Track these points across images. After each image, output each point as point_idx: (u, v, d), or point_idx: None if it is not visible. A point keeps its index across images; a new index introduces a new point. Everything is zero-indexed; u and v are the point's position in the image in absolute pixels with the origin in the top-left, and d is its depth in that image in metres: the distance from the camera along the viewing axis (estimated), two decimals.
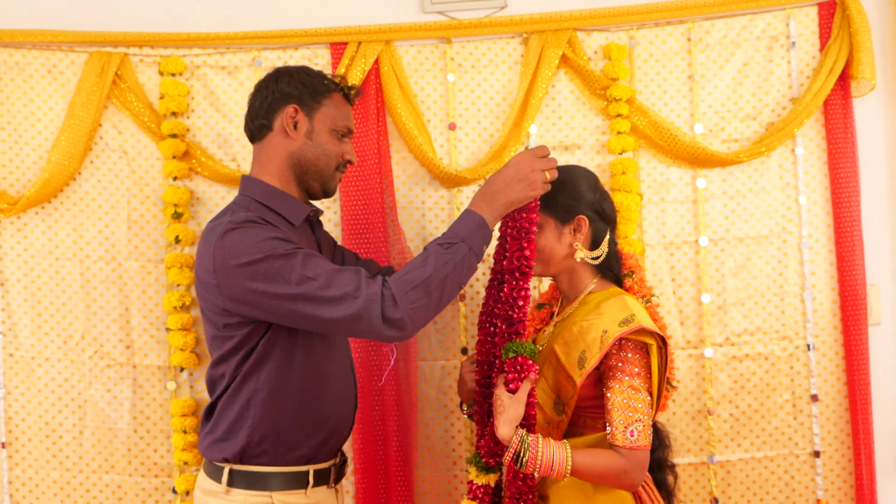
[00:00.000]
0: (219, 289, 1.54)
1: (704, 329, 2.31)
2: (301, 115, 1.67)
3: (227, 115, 2.34)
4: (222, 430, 1.64)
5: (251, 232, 1.52)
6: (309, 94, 1.68)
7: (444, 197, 2.36)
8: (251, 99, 1.73)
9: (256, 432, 1.61)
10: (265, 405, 1.61)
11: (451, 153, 2.33)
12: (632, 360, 1.51)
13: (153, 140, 2.32)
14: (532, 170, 1.56)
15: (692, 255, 2.31)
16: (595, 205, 1.66)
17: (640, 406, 1.49)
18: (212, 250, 1.53)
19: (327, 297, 1.47)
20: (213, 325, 1.62)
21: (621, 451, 1.48)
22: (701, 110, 2.33)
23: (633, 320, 1.51)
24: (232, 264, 1.50)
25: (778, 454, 2.33)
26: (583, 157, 2.35)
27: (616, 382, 1.50)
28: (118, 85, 2.30)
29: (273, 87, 1.69)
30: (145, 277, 2.32)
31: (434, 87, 2.35)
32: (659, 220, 2.33)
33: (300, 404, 1.63)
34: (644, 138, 2.32)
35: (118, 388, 2.30)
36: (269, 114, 1.67)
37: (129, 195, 2.33)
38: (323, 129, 1.68)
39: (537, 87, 2.28)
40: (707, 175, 2.33)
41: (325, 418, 1.68)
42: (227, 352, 1.62)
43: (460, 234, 1.55)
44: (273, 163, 1.67)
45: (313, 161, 1.67)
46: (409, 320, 1.49)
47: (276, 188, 1.67)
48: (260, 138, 1.70)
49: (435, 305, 1.53)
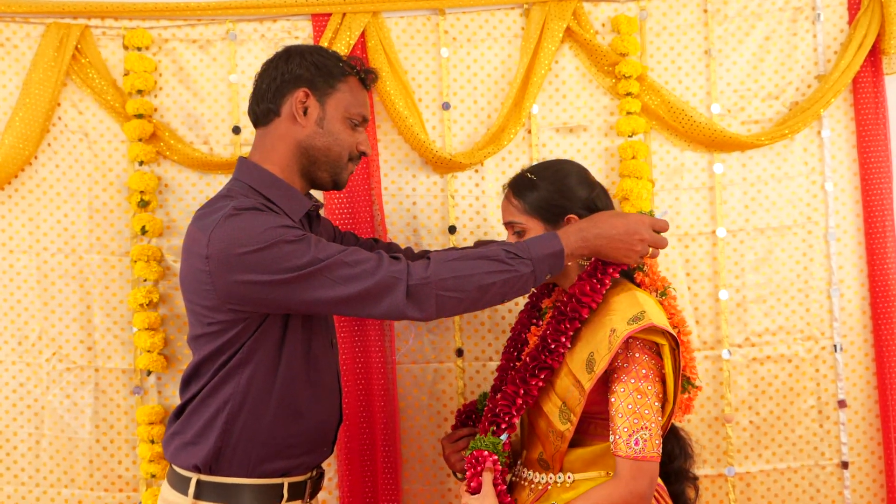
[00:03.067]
0: (211, 277, 1.47)
1: (722, 328, 2.23)
2: (312, 100, 1.61)
3: (199, 94, 2.24)
4: (193, 433, 1.58)
5: (258, 218, 1.48)
6: (322, 77, 1.62)
7: (436, 183, 2.27)
8: (257, 80, 1.66)
9: (230, 438, 1.56)
10: (243, 410, 1.56)
11: (444, 135, 2.25)
12: (639, 361, 1.46)
13: (117, 121, 2.22)
14: (641, 239, 1.53)
15: (709, 248, 2.24)
16: (588, 202, 1.62)
17: (646, 412, 1.44)
18: (208, 234, 1.47)
19: (344, 275, 1.45)
20: (197, 323, 1.57)
21: (625, 464, 1.43)
22: (719, 89, 2.25)
23: (643, 318, 1.46)
24: (236, 252, 1.44)
25: (802, 465, 2.25)
26: (589, 139, 2.27)
27: (621, 385, 1.46)
28: (78, 60, 2.20)
29: (283, 67, 1.62)
30: (108, 272, 2.23)
31: (426, 62, 2.26)
32: (672, 210, 2.25)
33: (281, 413, 1.58)
34: (656, 119, 2.24)
35: (79, 393, 2.22)
36: (276, 97, 1.61)
37: (91, 181, 2.23)
38: (335, 117, 1.63)
39: (539, 63, 2.20)
40: (725, 160, 2.25)
41: (306, 430, 1.64)
42: (212, 352, 1.57)
43: (532, 252, 1.52)
44: (277, 150, 1.62)
45: (323, 151, 1.62)
46: (437, 304, 1.48)
47: (276, 177, 1.61)
48: (265, 123, 1.64)
49: (468, 305, 1.51)
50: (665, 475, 1.68)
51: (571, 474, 1.56)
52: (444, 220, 2.25)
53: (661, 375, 1.48)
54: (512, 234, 1.66)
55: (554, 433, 1.55)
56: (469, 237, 2.26)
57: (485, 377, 2.24)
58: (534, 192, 1.62)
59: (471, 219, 2.25)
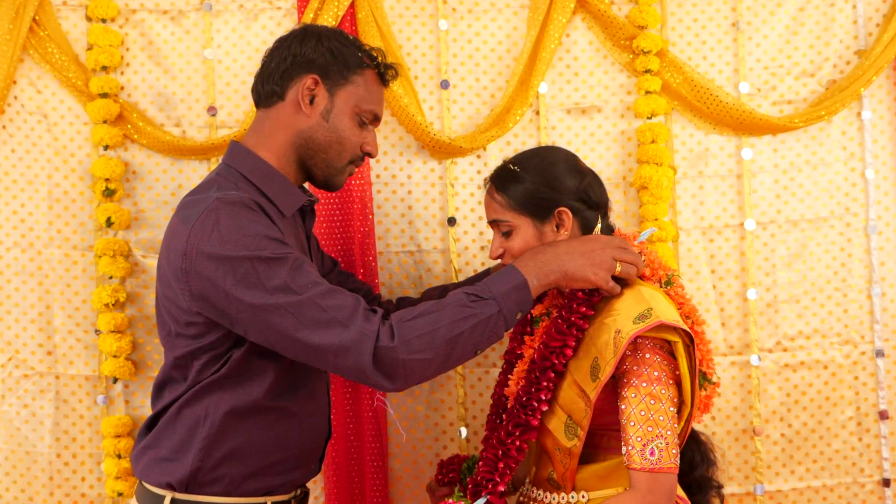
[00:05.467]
0: (187, 277, 1.44)
1: (751, 331, 2.17)
2: (321, 88, 1.58)
3: (170, 71, 2.16)
4: (168, 448, 1.53)
5: (241, 219, 1.44)
6: (336, 65, 1.58)
7: (434, 170, 2.19)
8: (266, 57, 1.63)
9: (211, 455, 1.51)
10: (225, 424, 1.51)
11: (443, 117, 2.18)
12: (650, 363, 1.41)
13: (79, 100, 2.15)
14: (603, 249, 1.50)
15: (736, 242, 2.19)
16: (579, 192, 1.58)
17: (661, 419, 1.39)
18: (189, 228, 1.44)
19: (313, 318, 1.40)
20: (173, 321, 1.52)
21: (640, 477, 1.39)
22: (748, 65, 2.19)
23: (651, 315, 1.41)
24: (206, 251, 1.41)
25: (839, 483, 2.18)
26: (603, 122, 2.20)
27: (632, 391, 1.41)
28: (36, 33, 2.12)
29: (296, 48, 1.58)
30: (70, 268, 2.16)
31: (423, 36, 2.19)
32: (696, 199, 2.19)
33: (267, 427, 1.55)
34: (678, 99, 2.18)
35: (37, 402, 2.16)
36: (283, 80, 1.58)
37: (51, 168, 2.16)
38: (344, 111, 1.60)
39: (548, 36, 2.14)
40: (755, 144, 2.19)
41: (294, 445, 1.59)
42: (186, 354, 1.51)
43: (493, 289, 1.48)
44: (275, 138, 1.59)
45: (323, 146, 1.59)
46: (404, 371, 1.42)
47: (271, 167, 1.58)
48: (266, 105, 1.61)
49: (439, 363, 1.44)
50: (686, 485, 1.61)
51: (585, 493, 1.50)
52: (442, 210, 2.17)
53: (675, 377, 1.44)
54: (499, 234, 1.61)
55: (561, 451, 1.50)
56: (470, 230, 2.19)
57: (487, 385, 2.15)
58: (519, 185, 1.57)
59: (472, 209, 2.17)
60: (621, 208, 2.14)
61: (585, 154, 2.11)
